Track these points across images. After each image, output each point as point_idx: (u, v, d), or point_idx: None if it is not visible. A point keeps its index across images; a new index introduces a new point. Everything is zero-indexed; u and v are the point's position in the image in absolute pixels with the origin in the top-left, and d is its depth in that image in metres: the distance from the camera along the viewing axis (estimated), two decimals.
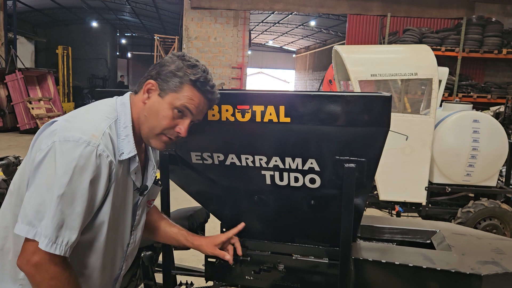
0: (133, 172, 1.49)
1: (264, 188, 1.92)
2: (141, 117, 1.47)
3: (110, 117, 1.42)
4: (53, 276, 1.27)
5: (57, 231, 1.26)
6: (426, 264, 1.81)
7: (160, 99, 1.43)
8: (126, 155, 1.42)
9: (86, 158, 1.28)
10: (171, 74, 1.43)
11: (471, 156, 4.70)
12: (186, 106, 1.43)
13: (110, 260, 1.53)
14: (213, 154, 1.88)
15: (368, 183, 1.79)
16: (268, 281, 2.16)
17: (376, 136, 1.63)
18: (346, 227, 1.77)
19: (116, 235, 1.52)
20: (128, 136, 1.43)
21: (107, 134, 1.36)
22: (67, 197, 1.25)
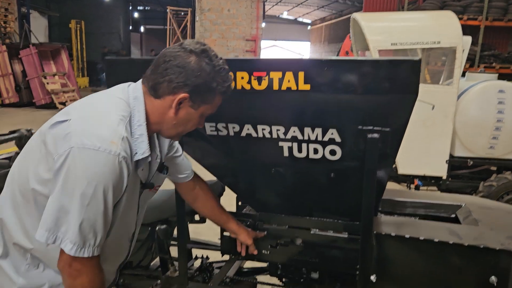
0: (140, 169, 1.44)
1: (281, 160, 1.83)
2: (167, 123, 1.41)
3: (125, 115, 1.34)
4: (92, 279, 1.30)
5: (84, 236, 1.25)
6: (453, 240, 1.72)
7: (192, 111, 1.39)
8: (140, 156, 1.36)
9: (108, 167, 1.24)
10: (206, 88, 1.35)
11: (495, 128, 4.52)
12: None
13: (115, 252, 1.54)
14: (228, 125, 1.79)
15: (392, 154, 1.70)
16: (285, 255, 2.10)
17: (403, 104, 1.51)
18: (368, 201, 1.68)
19: (122, 229, 1.52)
20: (142, 135, 1.36)
21: (125, 139, 1.29)
22: (92, 206, 1.24)
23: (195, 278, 2.35)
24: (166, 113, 1.38)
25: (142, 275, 2.56)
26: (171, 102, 1.36)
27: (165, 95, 1.36)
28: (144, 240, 2.44)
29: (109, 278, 1.61)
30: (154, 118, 1.40)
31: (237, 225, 2.03)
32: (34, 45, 12.80)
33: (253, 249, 2.06)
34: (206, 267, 2.44)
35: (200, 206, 1.99)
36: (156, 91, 1.36)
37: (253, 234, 2.04)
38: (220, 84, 1.37)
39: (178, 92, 1.34)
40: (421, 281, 1.77)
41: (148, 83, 1.38)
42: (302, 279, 2.29)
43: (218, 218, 2.02)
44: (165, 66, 1.34)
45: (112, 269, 1.61)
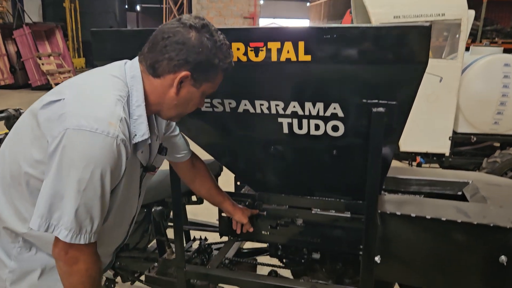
0: (140, 151, 1.37)
1: (281, 137, 1.74)
2: (167, 103, 1.33)
3: (123, 95, 1.25)
4: (89, 267, 1.24)
5: (80, 222, 1.18)
6: (461, 218, 1.64)
7: (194, 89, 1.32)
8: (139, 138, 1.28)
9: (106, 150, 1.16)
10: (208, 65, 1.28)
11: (500, 103, 4.41)
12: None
13: (114, 236, 1.50)
14: (224, 100, 1.68)
15: (398, 130, 1.60)
16: (286, 236, 2.04)
17: (411, 74, 1.41)
18: (372, 179, 1.59)
19: (123, 213, 1.46)
20: (141, 116, 1.28)
21: (123, 120, 1.21)
22: (89, 191, 1.17)
23: (193, 260, 2.29)
24: (167, 92, 1.30)
25: (139, 258, 2.50)
26: (171, 81, 1.28)
27: (165, 74, 1.27)
28: (140, 222, 2.38)
29: (105, 261, 1.56)
30: (154, 99, 1.32)
31: (232, 205, 1.98)
32: (27, 25, 12.54)
33: (249, 227, 2.02)
34: (205, 249, 2.37)
35: (198, 186, 1.92)
36: (155, 70, 1.28)
37: (248, 212, 2.01)
38: (222, 60, 1.30)
39: (179, 70, 1.26)
40: (428, 261, 1.70)
41: (146, 62, 1.29)
42: (303, 259, 2.24)
43: (215, 199, 1.96)
44: (164, 43, 1.25)
45: (108, 252, 1.56)
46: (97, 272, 1.26)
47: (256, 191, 2.07)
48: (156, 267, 2.25)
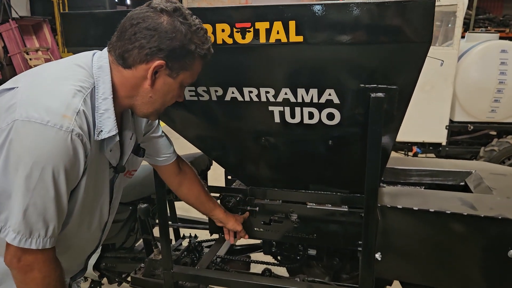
0: (109, 150, 1.23)
1: (272, 127, 1.61)
2: (142, 97, 1.21)
3: (85, 86, 1.12)
4: (46, 275, 1.13)
5: (30, 225, 1.06)
6: (467, 211, 1.53)
7: (171, 80, 1.20)
8: (105, 134, 1.16)
9: (59, 145, 1.04)
10: (183, 52, 1.16)
11: (497, 90, 4.31)
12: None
13: (83, 242, 1.38)
14: (210, 88, 1.55)
15: (399, 117, 1.48)
16: (280, 232, 1.92)
17: (413, 55, 1.28)
18: (372, 170, 1.47)
19: (91, 217, 1.33)
20: (108, 111, 1.15)
21: (81, 113, 1.08)
22: (39, 190, 1.06)
23: (182, 259, 2.16)
24: (140, 85, 1.18)
25: (125, 258, 2.37)
26: (144, 71, 1.15)
27: (136, 64, 1.14)
28: (125, 221, 2.24)
29: (75, 269, 1.43)
30: (125, 91, 1.19)
31: (224, 213, 1.86)
32: (14, 19, 12.26)
33: (243, 234, 1.91)
34: (195, 247, 2.25)
35: (185, 193, 1.79)
36: (125, 60, 1.15)
37: (241, 219, 1.89)
38: (199, 46, 1.18)
39: (152, 59, 1.13)
40: (432, 257, 1.58)
41: (114, 51, 1.16)
42: (298, 256, 2.13)
43: (205, 206, 1.83)
44: (133, 30, 1.12)
45: (78, 259, 1.44)
46: (56, 281, 1.14)
47: (248, 186, 1.95)
48: (143, 268, 2.12)
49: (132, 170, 1.46)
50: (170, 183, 1.75)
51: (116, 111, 1.17)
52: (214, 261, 2.14)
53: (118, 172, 1.35)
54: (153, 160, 1.64)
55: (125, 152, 1.34)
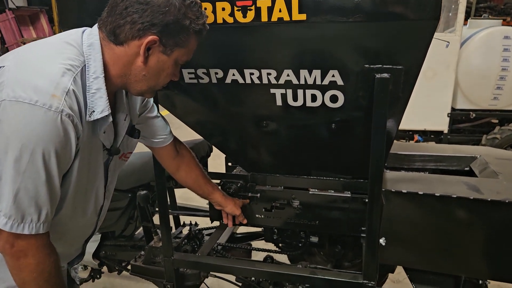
0: (102, 131, 1.19)
1: (274, 111, 1.57)
2: (135, 75, 1.17)
3: (75, 65, 1.07)
4: (40, 261, 1.10)
5: (22, 209, 1.03)
6: (473, 195, 1.50)
7: (165, 57, 1.15)
8: (98, 114, 1.11)
9: (48, 126, 1.00)
10: (177, 27, 1.11)
11: (500, 77, 4.27)
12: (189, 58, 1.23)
13: (79, 227, 1.34)
14: (210, 70, 1.51)
15: (404, 98, 1.44)
16: (282, 219, 1.89)
17: (420, 33, 1.24)
18: (377, 154, 1.44)
19: (86, 201, 1.30)
20: (100, 90, 1.11)
21: (71, 92, 1.04)
22: (30, 173, 1.02)
23: (183, 247, 2.13)
24: (133, 62, 1.13)
25: (125, 246, 2.35)
26: (137, 48, 1.10)
27: (128, 40, 1.10)
28: (124, 208, 2.21)
29: (72, 254, 1.40)
30: (117, 70, 1.14)
31: (222, 196, 1.82)
32: (11, 10, 12.14)
33: (242, 218, 1.88)
34: (195, 235, 2.22)
35: (183, 176, 1.75)
36: (116, 37, 1.10)
37: (240, 203, 1.86)
38: (194, 21, 1.13)
39: (145, 34, 1.08)
40: (437, 242, 1.55)
41: (105, 28, 1.11)
42: (300, 244, 2.10)
43: (203, 189, 1.79)
44: (124, 4, 1.07)
45: (75, 245, 1.41)
46: (52, 267, 1.11)
47: (249, 172, 1.91)
48: (143, 255, 2.09)
49: (127, 153, 1.42)
50: (167, 166, 1.71)
51: (109, 90, 1.13)
52: (215, 248, 2.11)
53: (112, 155, 1.31)
54: (149, 141, 1.60)
55: (119, 134, 1.30)
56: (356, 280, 1.63)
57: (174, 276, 1.86)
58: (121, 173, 2.15)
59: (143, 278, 2.11)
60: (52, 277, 1.10)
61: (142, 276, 2.08)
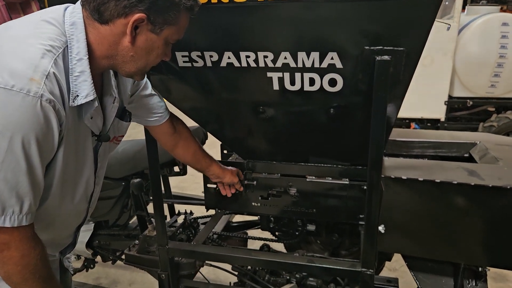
0: (89, 117, 1.12)
1: (271, 95, 1.53)
2: (122, 56, 1.09)
3: (56, 45, 1.00)
4: (24, 253, 1.04)
5: (2, 201, 0.97)
6: (474, 181, 1.46)
7: (154, 36, 1.08)
8: (82, 99, 1.04)
9: (27, 113, 0.93)
10: (167, 3, 1.05)
11: (497, 64, 4.23)
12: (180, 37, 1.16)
13: (69, 216, 1.29)
14: (204, 53, 1.46)
15: (405, 82, 1.39)
16: (278, 207, 1.86)
17: (422, 12, 1.19)
18: (376, 139, 1.40)
19: (75, 189, 1.24)
20: (84, 73, 1.04)
21: (52, 76, 0.97)
22: (9, 163, 0.95)
23: (178, 236, 2.10)
24: (119, 42, 1.06)
25: (119, 235, 2.31)
26: (123, 27, 1.03)
27: (114, 19, 1.02)
28: (118, 197, 2.17)
29: (63, 243, 1.36)
30: (102, 51, 1.07)
31: (220, 168, 1.80)
32: None
33: (239, 186, 1.85)
34: (190, 224, 2.19)
35: (181, 152, 1.71)
36: (101, 15, 1.02)
37: (236, 170, 1.85)
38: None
39: (132, 12, 1.01)
40: (437, 230, 1.52)
41: (89, 5, 1.03)
42: (297, 232, 2.07)
43: (201, 163, 1.76)
44: None
45: (66, 233, 1.36)
46: (37, 259, 1.05)
47: (245, 159, 1.87)
48: (137, 245, 2.06)
49: (119, 136, 1.36)
50: (165, 144, 1.67)
51: (94, 73, 1.06)
52: (211, 237, 2.08)
53: (102, 141, 1.26)
54: (144, 121, 1.55)
55: (108, 118, 1.24)
56: (355, 268, 1.60)
57: (168, 265, 1.83)
58: (114, 161, 2.12)
59: (138, 267, 2.07)
60: (38, 269, 1.05)
61: (137, 266, 2.05)
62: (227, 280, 2.09)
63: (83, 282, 2.23)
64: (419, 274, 1.70)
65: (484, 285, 1.65)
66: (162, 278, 1.85)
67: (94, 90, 1.06)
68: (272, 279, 1.95)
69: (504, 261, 1.52)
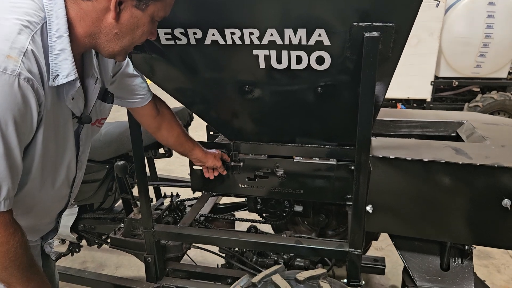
0: (70, 98, 1.07)
1: (257, 74, 1.49)
2: (106, 33, 1.04)
3: (34, 21, 0.94)
4: (4, 240, 0.99)
5: None
6: (462, 160, 1.46)
7: (139, 12, 1.05)
8: (63, 79, 0.99)
9: (4, 92, 0.87)
10: None
11: (483, 44, 4.24)
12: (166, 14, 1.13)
13: (50, 201, 1.24)
14: (188, 30, 1.40)
15: (394, 59, 1.37)
16: (265, 188, 1.84)
17: None
18: (365, 119, 1.38)
19: (56, 174, 1.19)
20: (65, 51, 0.98)
21: (30, 53, 0.91)
22: None
23: (164, 218, 2.07)
24: (103, 19, 1.01)
25: (104, 219, 2.27)
26: (107, 2, 0.98)
27: None
28: (102, 180, 2.12)
29: (44, 228, 1.32)
30: (84, 28, 1.02)
31: (202, 151, 1.76)
32: None
33: (223, 169, 1.83)
34: (177, 206, 2.16)
35: (165, 135, 1.67)
36: None
37: (220, 154, 1.82)
38: None
39: None
40: (426, 208, 1.52)
41: None
42: (284, 213, 2.06)
43: (184, 146, 1.72)
44: None
45: (47, 219, 1.31)
46: (17, 246, 1.01)
47: (231, 140, 1.84)
48: (122, 228, 2.02)
49: (101, 119, 1.31)
50: (148, 126, 1.62)
51: (75, 52, 1.01)
52: (197, 219, 2.06)
53: (84, 123, 1.20)
54: (126, 103, 1.50)
55: (90, 99, 1.19)
56: (342, 248, 1.60)
57: (155, 248, 1.81)
58: (97, 143, 2.07)
59: (123, 251, 2.05)
60: (18, 256, 1.01)
61: (122, 249, 2.02)
62: (215, 262, 2.08)
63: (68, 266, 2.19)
64: (406, 253, 1.71)
65: (470, 263, 1.66)
66: (148, 261, 1.83)
67: (76, 69, 1.01)
68: (260, 260, 1.94)
69: (490, 239, 1.53)
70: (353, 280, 1.60)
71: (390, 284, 2.71)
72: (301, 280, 1.41)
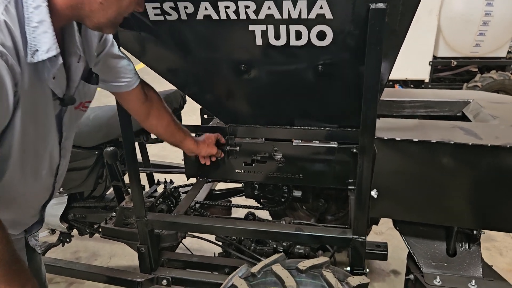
0: (51, 77, 0.97)
1: (253, 52, 1.39)
2: (90, 4, 0.95)
3: None
4: None
5: None
6: (472, 141, 1.38)
7: None
8: (43, 54, 0.89)
9: None
10: None
11: (483, 23, 4.14)
12: None
13: (32, 191, 1.15)
14: (178, 3, 1.30)
15: (401, 33, 1.27)
16: (263, 173, 1.76)
17: None
18: (370, 99, 1.28)
19: (38, 161, 1.10)
20: (43, 23, 0.88)
21: (2, 25, 0.82)
22: None
23: (158, 206, 1.98)
24: None
25: (95, 207, 2.18)
26: None
27: None
28: (92, 167, 2.03)
29: (27, 221, 1.23)
30: None
31: (194, 142, 1.66)
32: None
33: (220, 153, 1.74)
34: (171, 193, 2.07)
35: (154, 123, 1.56)
36: None
37: (214, 139, 1.72)
38: None
39: None
40: (433, 192, 1.45)
41: None
42: (283, 198, 1.98)
43: (175, 136, 1.62)
44: None
45: (31, 211, 1.22)
46: None
47: (227, 124, 1.75)
48: (114, 217, 1.94)
49: (85, 102, 1.21)
50: (135, 113, 1.51)
51: (55, 25, 0.91)
52: (193, 207, 1.97)
53: (66, 105, 1.10)
54: (111, 86, 1.39)
55: (73, 79, 1.09)
56: (345, 235, 1.52)
57: (148, 238, 1.72)
58: (86, 128, 1.96)
59: (116, 241, 1.97)
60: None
61: (114, 239, 1.94)
62: (212, 250, 2.00)
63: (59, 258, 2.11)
64: (411, 239, 1.64)
65: (478, 248, 1.60)
66: (142, 251, 1.75)
67: (58, 44, 0.91)
68: (258, 248, 1.87)
69: (500, 223, 1.47)
70: (357, 268, 1.54)
71: (391, 269, 2.66)
72: (303, 270, 1.34)
